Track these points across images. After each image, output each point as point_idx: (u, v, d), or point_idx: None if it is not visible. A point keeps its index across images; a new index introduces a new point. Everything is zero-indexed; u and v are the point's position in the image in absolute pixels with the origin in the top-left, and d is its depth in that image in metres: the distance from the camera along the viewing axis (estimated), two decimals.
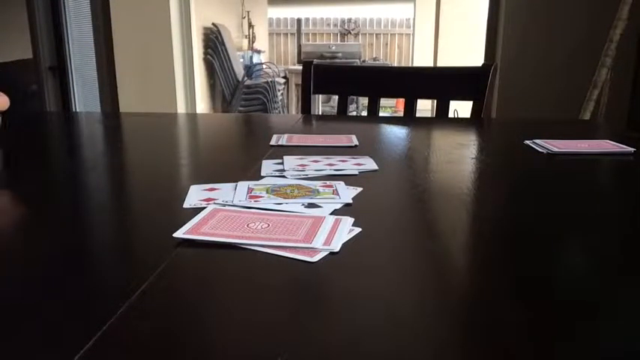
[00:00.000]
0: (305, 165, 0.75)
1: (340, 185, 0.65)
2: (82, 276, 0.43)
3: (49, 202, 0.64)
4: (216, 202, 0.58)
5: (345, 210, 0.57)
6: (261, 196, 0.59)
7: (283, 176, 0.70)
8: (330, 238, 0.47)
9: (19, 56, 3.58)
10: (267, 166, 0.75)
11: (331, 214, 0.54)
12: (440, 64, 4.79)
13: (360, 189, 0.63)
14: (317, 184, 0.65)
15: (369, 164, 0.76)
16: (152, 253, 0.47)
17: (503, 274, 0.44)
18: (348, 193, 0.62)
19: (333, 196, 0.61)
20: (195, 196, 0.60)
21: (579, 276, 0.44)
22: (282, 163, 0.76)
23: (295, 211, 0.55)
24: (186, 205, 0.57)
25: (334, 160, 0.78)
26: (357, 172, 0.72)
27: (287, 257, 0.44)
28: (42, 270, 0.43)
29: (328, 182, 0.66)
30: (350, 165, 0.75)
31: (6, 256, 0.47)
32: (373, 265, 0.45)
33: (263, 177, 0.69)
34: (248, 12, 6.03)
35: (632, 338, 0.34)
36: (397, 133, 1.11)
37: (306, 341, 0.33)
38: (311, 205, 0.57)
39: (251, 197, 0.59)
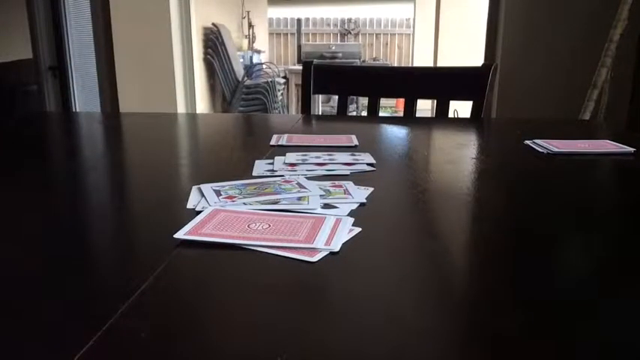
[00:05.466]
0: (294, 164, 0.75)
1: (350, 185, 0.64)
2: (82, 276, 0.43)
3: (49, 202, 0.64)
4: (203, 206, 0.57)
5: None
6: (235, 197, 0.59)
7: (275, 176, 0.69)
8: (330, 238, 0.47)
9: (19, 56, 3.58)
10: (260, 166, 0.75)
11: (348, 214, 0.54)
12: (440, 64, 4.79)
13: (371, 189, 0.63)
14: (326, 185, 0.65)
15: (367, 158, 0.76)
16: (152, 254, 0.47)
17: (504, 274, 0.44)
18: (360, 193, 0.62)
19: (345, 196, 0.60)
20: (198, 196, 0.60)
21: (579, 276, 0.44)
22: (272, 163, 0.76)
23: (314, 212, 0.55)
24: (189, 205, 0.57)
25: (326, 158, 0.79)
26: (348, 173, 0.71)
27: (287, 257, 0.44)
28: (42, 270, 0.43)
29: (337, 182, 0.66)
30: (345, 158, 0.76)
31: (6, 256, 0.47)
32: (373, 265, 0.45)
33: (255, 177, 0.69)
34: (248, 12, 6.03)
35: (632, 338, 0.34)
36: (397, 133, 1.11)
37: (306, 341, 0.33)
38: (327, 206, 0.57)
39: (226, 198, 0.58)
